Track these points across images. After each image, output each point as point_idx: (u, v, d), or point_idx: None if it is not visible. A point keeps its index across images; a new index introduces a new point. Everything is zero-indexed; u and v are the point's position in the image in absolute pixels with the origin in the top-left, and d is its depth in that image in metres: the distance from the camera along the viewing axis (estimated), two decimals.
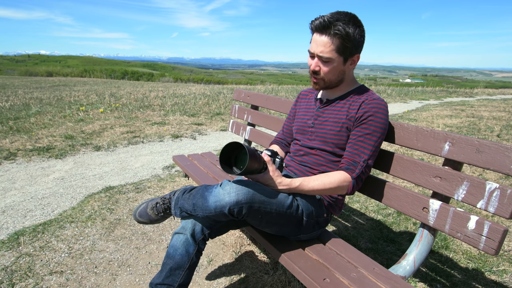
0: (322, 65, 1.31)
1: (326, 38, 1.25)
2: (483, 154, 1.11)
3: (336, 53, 1.26)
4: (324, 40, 1.25)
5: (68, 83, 16.05)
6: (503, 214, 1.04)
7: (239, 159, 1.21)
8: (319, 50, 1.27)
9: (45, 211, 2.43)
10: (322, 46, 1.26)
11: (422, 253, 1.26)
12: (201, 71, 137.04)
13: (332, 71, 1.31)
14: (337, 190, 1.31)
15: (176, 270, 1.26)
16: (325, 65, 1.30)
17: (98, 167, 3.46)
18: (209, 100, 8.23)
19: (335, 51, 1.26)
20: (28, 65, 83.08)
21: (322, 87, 1.38)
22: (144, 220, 1.41)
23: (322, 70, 1.31)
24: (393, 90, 13.88)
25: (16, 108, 6.77)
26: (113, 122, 5.49)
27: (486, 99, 11.41)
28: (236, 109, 2.61)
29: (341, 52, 1.27)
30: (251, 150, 1.15)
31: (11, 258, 1.83)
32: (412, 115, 7.11)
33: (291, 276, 1.70)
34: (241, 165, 1.18)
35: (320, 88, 1.39)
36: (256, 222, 1.24)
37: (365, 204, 2.68)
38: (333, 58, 1.27)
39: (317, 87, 1.39)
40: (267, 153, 1.30)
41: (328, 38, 1.24)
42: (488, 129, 5.36)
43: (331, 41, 1.24)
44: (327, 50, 1.26)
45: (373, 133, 1.28)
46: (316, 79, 1.36)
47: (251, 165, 1.14)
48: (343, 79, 1.37)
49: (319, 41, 1.27)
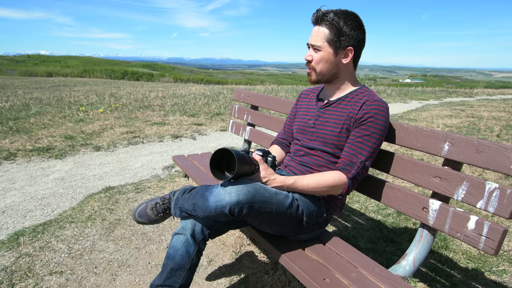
0: (313, 54, 1.35)
1: (318, 28, 1.32)
2: (482, 154, 1.11)
3: (326, 42, 1.31)
4: (317, 30, 1.32)
5: (68, 83, 16.05)
6: (503, 214, 1.04)
7: (230, 164, 1.22)
8: (312, 40, 1.34)
9: (45, 211, 2.43)
10: (315, 35, 1.33)
11: (422, 253, 1.26)
12: (201, 71, 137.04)
13: (322, 61, 1.34)
14: (332, 190, 1.31)
15: (177, 271, 1.26)
16: (315, 53, 1.35)
17: (98, 167, 3.46)
18: (209, 100, 8.23)
19: (325, 40, 1.31)
20: (27, 65, 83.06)
21: (315, 79, 1.40)
22: (144, 220, 1.40)
23: (314, 59, 1.35)
24: (393, 90, 13.88)
25: (16, 108, 6.76)
26: (113, 122, 5.49)
27: (486, 99, 11.41)
28: (236, 109, 2.61)
29: (330, 41, 1.31)
30: (240, 154, 1.15)
31: (11, 258, 1.83)
32: (412, 115, 7.11)
33: (291, 276, 1.70)
34: (232, 170, 1.19)
35: (314, 80, 1.40)
36: (257, 222, 1.24)
37: (365, 204, 2.68)
38: (322, 46, 1.32)
39: (310, 79, 1.41)
40: (258, 153, 1.31)
41: (320, 27, 1.31)
42: (487, 129, 5.36)
43: (322, 30, 1.31)
44: (318, 38, 1.32)
45: (372, 134, 1.28)
46: (310, 69, 1.39)
47: (241, 169, 1.15)
48: (338, 74, 1.37)
49: (314, 32, 1.34)
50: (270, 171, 1.29)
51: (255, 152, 1.31)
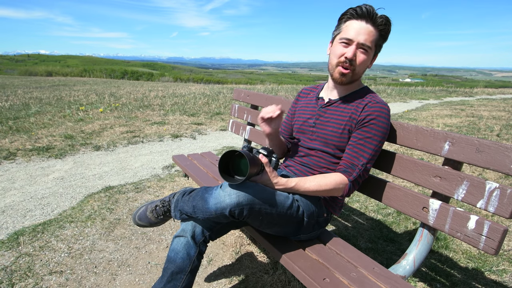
0: (358, 53, 1.26)
1: (370, 27, 1.24)
2: (483, 154, 1.11)
3: (374, 44, 1.26)
4: (368, 28, 1.23)
5: (67, 83, 16.04)
6: (503, 214, 1.04)
7: (237, 166, 1.19)
8: (362, 38, 1.23)
9: (44, 211, 2.43)
10: (366, 34, 1.23)
11: (422, 252, 1.26)
12: (201, 71, 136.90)
13: (365, 62, 1.28)
14: (333, 192, 1.31)
15: (178, 274, 1.24)
16: (363, 54, 1.26)
17: (97, 167, 3.46)
18: (208, 100, 8.22)
19: (374, 42, 1.26)
20: (27, 64, 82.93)
21: (349, 80, 1.31)
22: (144, 223, 1.39)
23: (358, 59, 1.26)
24: (393, 90, 13.88)
25: (16, 107, 6.76)
26: (113, 122, 5.49)
27: (485, 99, 11.41)
28: (236, 109, 2.60)
29: (377, 45, 1.27)
30: (250, 156, 1.13)
31: (11, 258, 1.83)
32: (412, 114, 7.11)
33: (291, 276, 1.69)
34: (240, 171, 1.17)
35: (347, 81, 1.32)
36: (257, 223, 1.24)
37: (365, 203, 2.68)
38: (372, 48, 1.26)
39: (344, 80, 1.31)
40: (263, 153, 1.28)
41: (371, 27, 1.24)
42: (488, 129, 5.36)
43: (374, 31, 1.24)
44: (370, 39, 1.24)
45: (373, 136, 1.27)
46: (349, 69, 1.28)
47: (252, 172, 1.14)
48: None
49: (363, 29, 1.23)
50: (275, 173, 1.27)
51: (260, 152, 1.28)
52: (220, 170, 1.14)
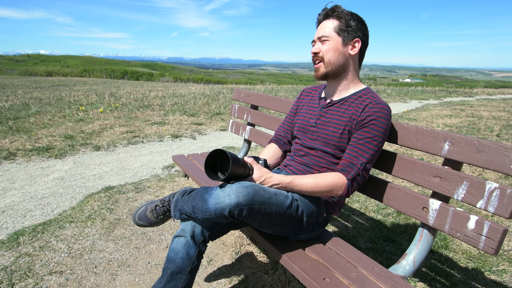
0: (321, 46, 1.36)
1: (326, 21, 1.36)
2: (482, 154, 1.11)
3: (334, 32, 1.34)
4: (324, 24, 1.36)
5: (67, 83, 16.04)
6: (503, 214, 1.04)
7: (224, 166, 1.24)
8: (320, 33, 1.36)
9: (44, 211, 2.43)
10: (322, 29, 1.36)
11: (422, 253, 1.26)
12: (201, 71, 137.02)
13: (331, 50, 1.34)
14: (331, 191, 1.30)
15: (178, 274, 1.24)
16: (324, 44, 1.35)
17: (97, 167, 3.46)
18: (208, 100, 8.23)
19: (333, 30, 1.34)
20: (27, 65, 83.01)
21: (323, 71, 1.37)
22: (144, 223, 1.40)
23: (322, 49, 1.36)
24: (392, 90, 13.89)
25: (16, 108, 6.76)
26: (113, 122, 5.49)
27: (485, 99, 11.41)
28: (236, 109, 2.60)
29: (339, 31, 1.33)
30: (234, 156, 1.17)
31: (11, 258, 1.83)
32: (412, 114, 7.11)
33: (291, 276, 1.70)
34: (226, 171, 1.19)
35: (322, 73, 1.38)
36: (257, 223, 1.24)
37: (365, 204, 2.68)
38: (330, 36, 1.34)
39: (317, 74, 1.39)
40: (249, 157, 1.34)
41: (328, 21, 1.35)
42: (487, 129, 5.36)
43: (330, 23, 1.34)
44: (326, 31, 1.34)
45: (374, 137, 1.27)
46: (316, 63, 1.38)
47: (235, 170, 1.16)
48: (346, 66, 1.36)
49: (320, 27, 1.37)
50: (265, 170, 1.29)
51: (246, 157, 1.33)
52: (205, 167, 1.19)
